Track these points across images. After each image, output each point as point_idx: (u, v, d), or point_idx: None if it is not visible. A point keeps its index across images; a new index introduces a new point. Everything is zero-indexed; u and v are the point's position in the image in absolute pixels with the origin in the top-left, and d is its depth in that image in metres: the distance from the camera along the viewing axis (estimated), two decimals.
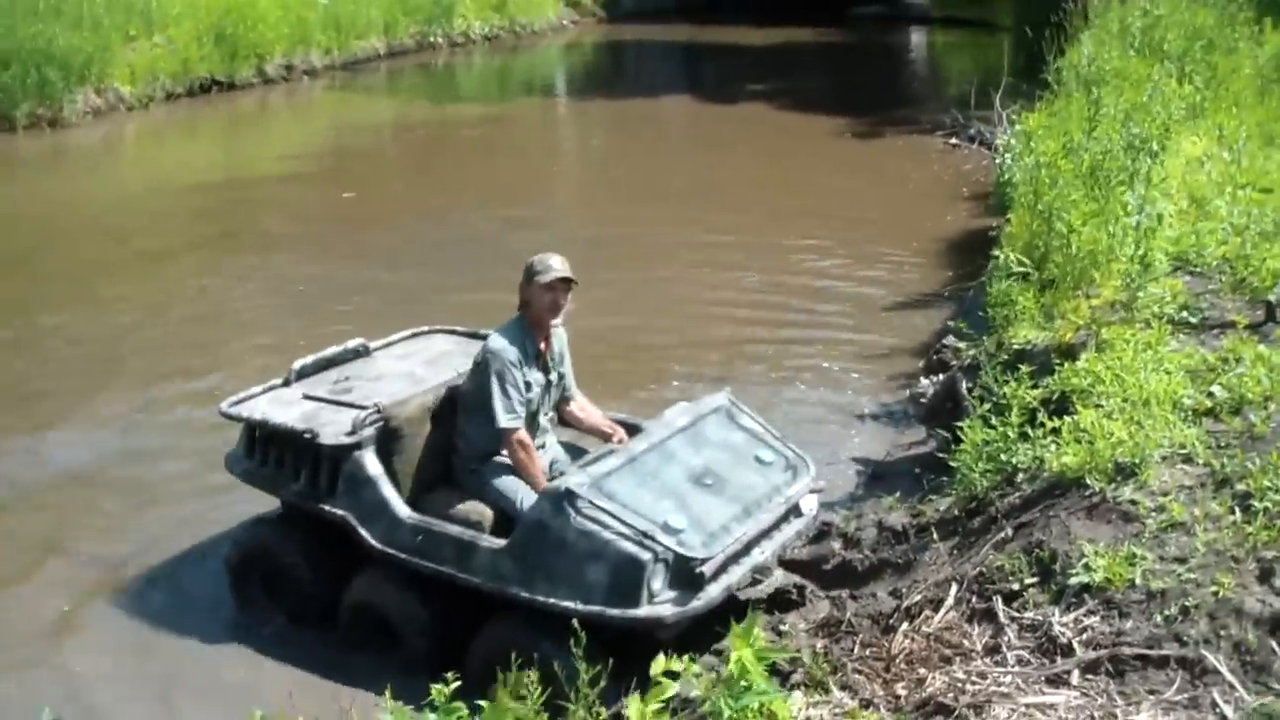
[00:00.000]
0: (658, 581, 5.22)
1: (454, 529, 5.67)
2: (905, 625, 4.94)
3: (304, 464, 6.06)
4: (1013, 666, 4.42)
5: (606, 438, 6.25)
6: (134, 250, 13.29)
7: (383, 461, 5.90)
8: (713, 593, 5.31)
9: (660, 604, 5.23)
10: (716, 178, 16.87)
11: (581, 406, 6.43)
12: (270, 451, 6.24)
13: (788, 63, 27.00)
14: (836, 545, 6.52)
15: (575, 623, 4.24)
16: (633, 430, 6.26)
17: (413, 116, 22.24)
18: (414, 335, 7.23)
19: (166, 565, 6.99)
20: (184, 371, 9.75)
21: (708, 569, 5.26)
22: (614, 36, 32.92)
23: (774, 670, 4.57)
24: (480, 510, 5.86)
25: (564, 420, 6.43)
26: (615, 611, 5.17)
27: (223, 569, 6.59)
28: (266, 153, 19.42)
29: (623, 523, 5.26)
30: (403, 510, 5.78)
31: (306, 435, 5.95)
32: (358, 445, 5.85)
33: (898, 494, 7.05)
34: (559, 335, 6.20)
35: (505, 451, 5.95)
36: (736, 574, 5.48)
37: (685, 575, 5.27)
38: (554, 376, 6.16)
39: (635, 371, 9.41)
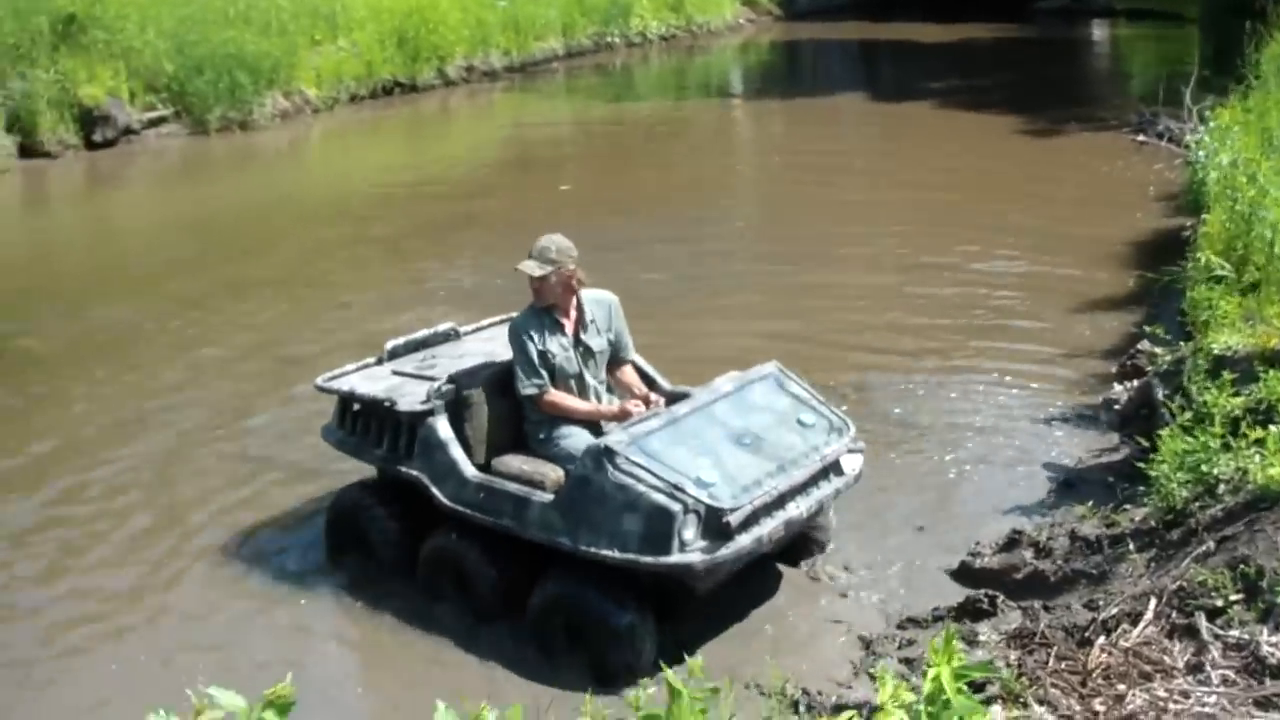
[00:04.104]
0: (689, 531, 5.55)
1: (512, 486, 6.11)
2: (1102, 639, 4.82)
3: (386, 430, 6.60)
4: (1217, 686, 4.28)
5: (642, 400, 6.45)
6: (352, 236, 14.01)
7: (456, 427, 6.39)
8: (742, 542, 5.63)
9: (690, 552, 5.54)
10: (897, 176, 16.69)
11: (623, 371, 6.72)
12: (358, 420, 6.79)
13: (967, 59, 26.63)
14: (1028, 554, 6.38)
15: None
16: (683, 397, 6.52)
17: (593, 116, 22.48)
18: (504, 320, 7.48)
19: (273, 524, 7.50)
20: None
21: (734, 519, 5.59)
22: (790, 35, 32.87)
23: (969, 683, 4.50)
24: (544, 471, 6.19)
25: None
26: (648, 559, 5.54)
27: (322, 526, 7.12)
28: (455, 151, 19.83)
29: (656, 476, 5.61)
30: (469, 470, 6.25)
31: (386, 404, 6.48)
32: (431, 412, 6.34)
33: (1090, 503, 6.86)
34: (600, 304, 6.56)
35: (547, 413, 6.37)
36: (769, 526, 5.77)
37: (715, 526, 5.59)
38: (594, 343, 6.49)
39: (817, 367, 9.29)
